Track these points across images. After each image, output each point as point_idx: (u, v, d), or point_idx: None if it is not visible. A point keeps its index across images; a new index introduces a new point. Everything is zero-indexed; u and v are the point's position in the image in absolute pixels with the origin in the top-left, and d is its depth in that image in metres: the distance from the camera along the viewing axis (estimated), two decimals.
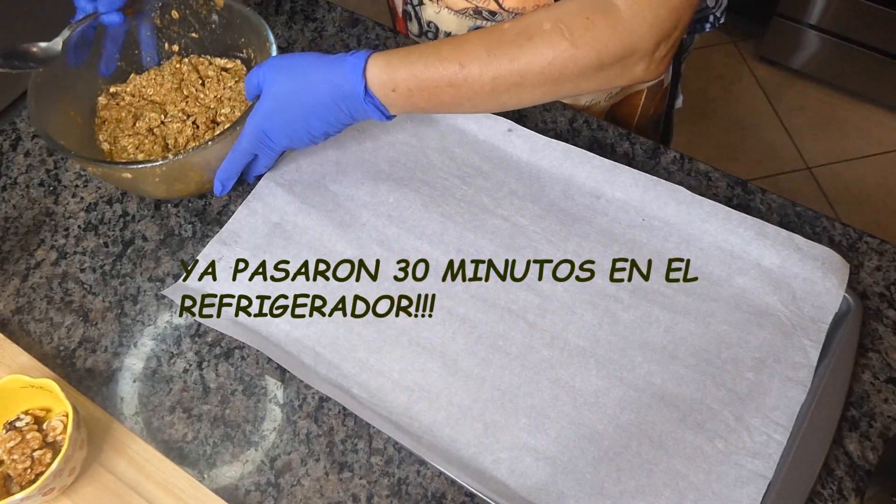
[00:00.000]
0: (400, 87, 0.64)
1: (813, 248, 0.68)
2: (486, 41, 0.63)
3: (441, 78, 0.63)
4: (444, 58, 0.63)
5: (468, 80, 0.63)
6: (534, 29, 0.62)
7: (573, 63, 0.62)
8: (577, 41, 0.61)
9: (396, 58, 0.64)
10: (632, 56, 0.63)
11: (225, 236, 0.72)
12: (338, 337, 0.67)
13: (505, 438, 0.62)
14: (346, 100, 0.65)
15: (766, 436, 0.61)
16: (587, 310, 0.67)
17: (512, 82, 0.63)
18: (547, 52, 0.62)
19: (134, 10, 0.77)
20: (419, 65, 0.63)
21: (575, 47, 0.62)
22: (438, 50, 0.64)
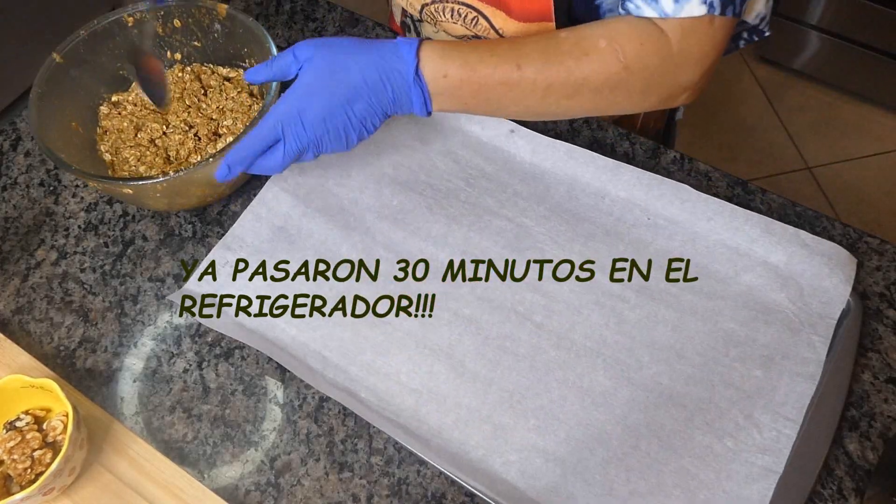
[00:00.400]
0: (451, 76, 0.63)
1: (820, 243, 0.68)
2: (543, 47, 0.63)
3: (494, 74, 0.63)
4: (501, 56, 0.63)
5: (522, 82, 0.63)
6: (590, 44, 0.63)
7: (625, 86, 0.64)
8: (631, 66, 0.63)
9: (450, 47, 0.63)
10: (678, 86, 0.65)
11: (229, 241, 0.72)
12: (344, 340, 0.67)
13: (514, 440, 0.61)
14: (395, 78, 0.62)
15: (776, 431, 0.60)
16: (593, 310, 0.67)
17: (564, 93, 0.64)
18: (602, 70, 0.63)
19: None
20: (473, 57, 0.63)
21: (627, 71, 0.63)
22: (494, 48, 0.63)
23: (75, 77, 0.75)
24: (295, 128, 0.62)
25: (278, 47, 0.73)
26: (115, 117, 0.78)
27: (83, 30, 0.75)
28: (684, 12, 0.61)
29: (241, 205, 0.75)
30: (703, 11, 0.61)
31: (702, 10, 0.61)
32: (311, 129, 0.62)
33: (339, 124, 0.63)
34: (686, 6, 0.61)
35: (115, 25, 0.77)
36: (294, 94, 0.62)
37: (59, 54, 0.73)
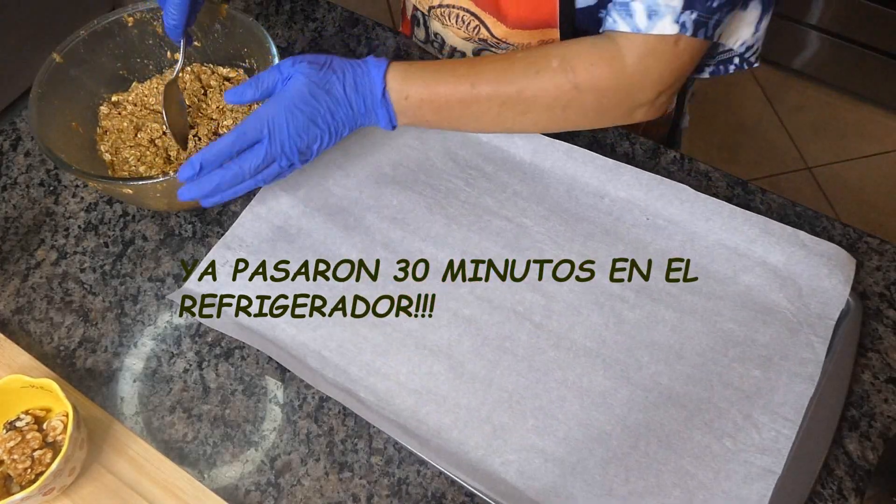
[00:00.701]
0: (413, 97, 0.67)
1: (819, 244, 0.68)
2: (499, 67, 0.67)
3: (453, 94, 0.67)
4: (459, 76, 0.67)
5: (478, 100, 0.67)
6: (543, 63, 0.66)
7: (576, 104, 0.67)
8: (581, 85, 0.66)
9: (414, 69, 0.67)
10: (633, 104, 0.67)
11: (229, 240, 0.72)
12: (343, 340, 0.67)
13: (513, 440, 0.62)
14: (367, 96, 0.67)
15: (775, 432, 0.61)
16: (593, 310, 0.67)
17: (518, 110, 0.68)
18: (552, 90, 0.66)
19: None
20: (433, 79, 0.67)
21: (577, 90, 0.66)
22: (455, 68, 0.67)
23: (75, 77, 0.75)
24: (280, 132, 0.64)
25: (278, 47, 0.73)
26: (115, 117, 0.78)
27: (83, 30, 0.75)
28: (656, 29, 0.62)
29: (240, 205, 0.75)
30: (675, 30, 0.62)
31: (674, 28, 0.62)
32: (296, 135, 0.65)
33: (317, 133, 0.66)
34: (658, 23, 0.62)
35: (115, 25, 0.77)
36: (283, 102, 0.64)
37: (58, 54, 0.73)
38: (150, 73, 0.81)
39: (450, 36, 0.81)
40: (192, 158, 0.63)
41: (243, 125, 0.64)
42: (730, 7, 0.63)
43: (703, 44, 0.65)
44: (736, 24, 0.70)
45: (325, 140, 0.67)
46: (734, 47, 0.73)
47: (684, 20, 0.62)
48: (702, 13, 0.62)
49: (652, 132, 0.89)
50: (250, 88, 0.66)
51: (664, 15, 0.62)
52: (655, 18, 0.62)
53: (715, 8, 0.62)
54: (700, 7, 0.61)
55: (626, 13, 0.63)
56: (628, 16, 0.63)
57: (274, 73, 0.65)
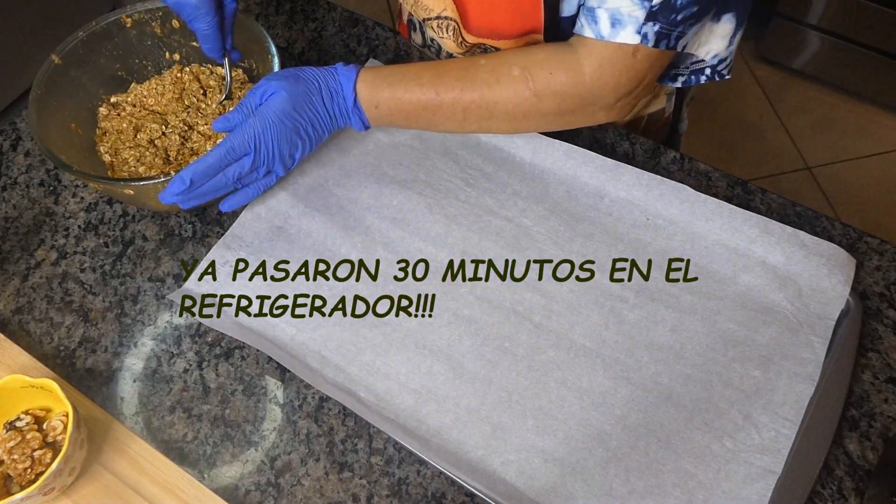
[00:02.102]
0: (382, 106, 0.70)
1: (818, 244, 0.68)
2: (461, 75, 0.69)
3: (419, 102, 0.69)
4: (424, 84, 0.69)
5: (442, 107, 0.70)
6: (503, 71, 0.68)
7: (535, 109, 0.69)
8: (540, 93, 0.68)
9: (381, 78, 0.69)
10: (593, 108, 0.69)
11: (229, 240, 0.72)
12: (343, 340, 0.67)
13: (513, 440, 0.62)
14: (340, 107, 0.70)
15: (775, 431, 0.61)
16: (593, 310, 0.67)
17: (480, 115, 0.70)
18: (512, 98, 0.68)
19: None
20: (400, 88, 0.69)
21: (537, 97, 0.68)
22: (419, 76, 0.69)
23: (74, 78, 0.75)
24: (266, 146, 0.66)
25: (278, 47, 0.73)
26: (115, 118, 0.78)
27: (82, 31, 0.75)
28: (619, 38, 0.64)
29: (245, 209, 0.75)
30: (637, 40, 0.64)
31: (635, 38, 0.63)
32: (280, 146, 0.67)
33: (296, 140, 0.68)
34: (621, 32, 0.64)
35: (114, 26, 0.77)
36: (267, 117, 0.66)
37: (57, 55, 0.73)
38: (149, 73, 0.81)
39: (446, 43, 0.81)
40: (182, 174, 0.64)
41: (231, 141, 0.65)
42: (695, 21, 0.64)
43: (665, 54, 0.66)
44: (706, 37, 0.72)
45: (306, 149, 0.69)
46: (706, 59, 0.74)
47: (646, 31, 0.63)
48: (664, 25, 0.63)
49: (650, 137, 0.89)
50: (238, 114, 0.67)
51: (626, 25, 0.63)
52: (618, 27, 0.63)
53: (678, 21, 0.63)
54: (663, 20, 0.63)
55: (591, 19, 0.65)
56: (594, 22, 0.65)
57: (255, 94, 0.67)
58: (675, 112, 0.89)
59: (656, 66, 0.67)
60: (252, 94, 0.67)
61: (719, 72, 0.76)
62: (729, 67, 0.76)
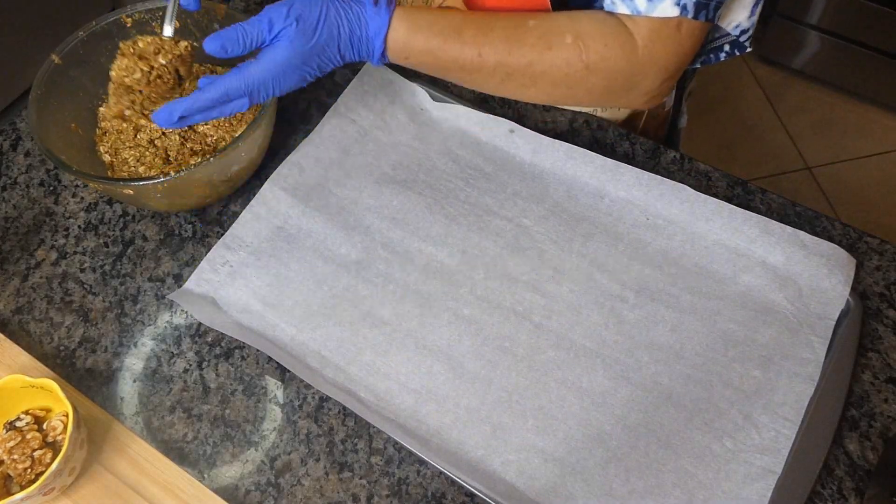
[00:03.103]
0: (413, 58, 0.64)
1: (818, 244, 0.68)
2: (508, 37, 0.63)
3: (457, 60, 0.64)
4: (465, 42, 0.63)
5: (483, 68, 0.64)
6: (555, 38, 0.63)
7: (583, 83, 0.65)
8: (592, 66, 0.63)
9: (417, 28, 0.62)
10: (638, 90, 0.65)
11: (229, 240, 0.72)
12: (343, 340, 0.67)
13: (513, 440, 0.61)
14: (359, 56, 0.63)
15: (775, 431, 0.61)
16: (593, 310, 0.67)
17: (522, 83, 0.65)
18: (563, 67, 0.64)
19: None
20: (438, 41, 0.63)
21: (588, 70, 0.64)
22: (461, 31, 0.63)
23: (74, 78, 0.75)
24: (265, 93, 0.61)
25: None
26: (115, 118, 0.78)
27: (82, 31, 0.75)
28: (657, 11, 0.61)
29: (240, 205, 0.75)
30: (676, 13, 0.61)
31: (674, 10, 0.61)
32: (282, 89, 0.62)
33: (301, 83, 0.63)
34: (659, 5, 0.61)
35: (114, 26, 0.77)
36: (271, 68, 0.60)
37: (57, 55, 0.73)
38: None
39: None
40: (172, 108, 0.59)
41: (225, 84, 0.60)
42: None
43: (705, 26, 0.63)
44: (732, 5, 0.69)
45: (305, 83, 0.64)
46: (730, 30, 0.71)
47: (685, 2, 0.60)
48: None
49: (650, 132, 0.89)
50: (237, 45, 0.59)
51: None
52: (656, 1, 0.61)
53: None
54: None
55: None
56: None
57: (262, 29, 0.59)
58: (675, 106, 0.89)
59: (698, 41, 0.65)
60: (257, 26, 0.59)
61: (741, 44, 0.73)
62: (750, 38, 0.73)
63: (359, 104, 0.79)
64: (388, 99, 0.80)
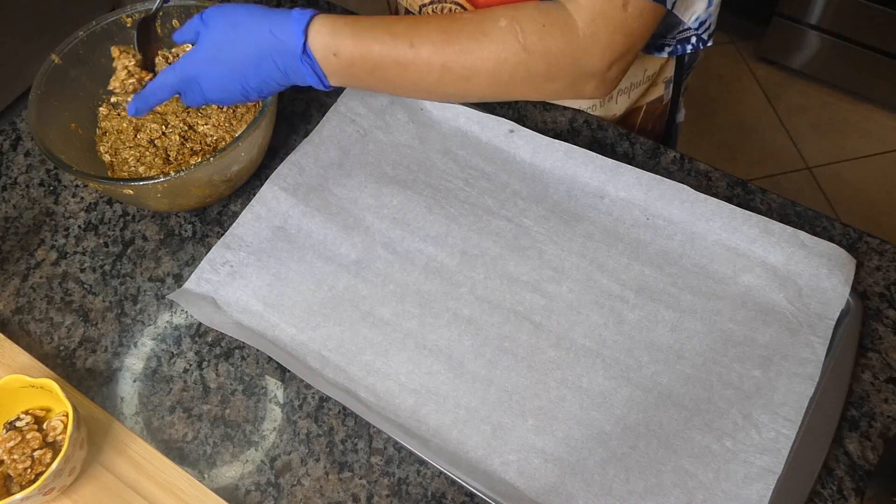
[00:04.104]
0: (342, 54, 0.62)
1: (818, 244, 0.68)
2: (442, 27, 0.62)
3: (389, 54, 0.62)
4: (396, 34, 0.61)
5: (417, 62, 0.62)
6: (489, 24, 0.62)
7: (523, 68, 0.62)
8: (530, 46, 0.62)
9: (344, 23, 0.61)
10: (583, 73, 0.63)
11: (229, 240, 0.72)
12: (343, 340, 0.67)
13: (513, 440, 0.61)
14: (282, 55, 0.62)
15: (775, 432, 0.61)
16: (593, 310, 0.67)
17: (460, 75, 0.63)
18: (499, 52, 0.62)
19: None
20: (367, 35, 0.61)
21: (526, 52, 0.62)
22: (391, 26, 0.62)
23: (74, 78, 0.75)
24: (194, 91, 0.64)
25: None
26: (115, 118, 0.78)
27: (82, 31, 0.75)
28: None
29: (240, 205, 0.75)
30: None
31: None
32: (210, 94, 0.64)
33: (236, 91, 0.64)
34: None
35: (114, 26, 0.77)
36: (193, 59, 0.63)
37: (57, 55, 0.73)
38: None
39: None
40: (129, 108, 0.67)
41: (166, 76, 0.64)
42: None
43: (656, 9, 0.62)
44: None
45: (250, 96, 0.65)
46: (689, 22, 0.70)
47: None
48: None
49: (649, 127, 0.89)
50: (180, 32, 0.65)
51: None
52: None
53: None
54: None
55: None
56: None
57: (195, 21, 0.64)
58: (672, 101, 0.89)
59: (648, 24, 0.63)
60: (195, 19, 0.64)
61: (700, 37, 0.72)
62: (710, 32, 0.71)
63: (359, 104, 0.80)
64: (388, 99, 0.80)
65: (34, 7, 1.66)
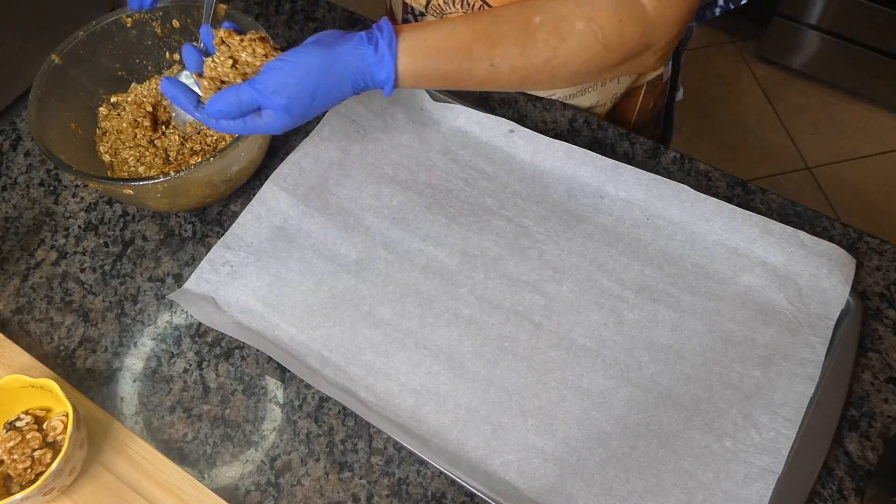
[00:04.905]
0: (421, 77, 0.62)
1: (818, 244, 0.68)
2: (519, 39, 0.61)
3: (471, 78, 0.63)
4: (476, 58, 0.61)
5: (498, 78, 0.63)
6: (567, 28, 0.61)
7: (602, 62, 0.63)
8: (610, 44, 0.62)
9: (426, 58, 0.60)
10: (650, 51, 0.64)
11: (229, 240, 0.72)
12: (344, 340, 0.67)
13: (513, 440, 0.62)
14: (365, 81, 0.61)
15: (775, 432, 0.61)
16: (593, 310, 0.67)
17: (539, 80, 0.64)
18: (580, 54, 0.62)
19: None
20: (449, 64, 0.61)
21: (607, 50, 0.62)
22: (470, 50, 0.61)
23: (74, 78, 0.75)
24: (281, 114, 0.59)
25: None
26: (115, 118, 0.78)
27: (82, 31, 0.75)
28: None
29: (240, 205, 0.75)
30: None
31: None
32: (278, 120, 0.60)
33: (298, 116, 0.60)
34: None
35: (114, 26, 0.77)
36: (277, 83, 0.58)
37: (57, 55, 0.73)
38: (149, 73, 0.81)
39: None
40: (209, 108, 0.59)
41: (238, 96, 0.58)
42: None
43: None
44: None
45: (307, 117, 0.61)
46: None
47: None
48: None
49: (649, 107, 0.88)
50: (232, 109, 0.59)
51: None
52: None
53: None
54: None
55: None
56: None
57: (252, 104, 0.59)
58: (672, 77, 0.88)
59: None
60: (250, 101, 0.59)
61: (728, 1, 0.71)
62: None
63: (359, 104, 0.80)
64: (389, 99, 0.80)
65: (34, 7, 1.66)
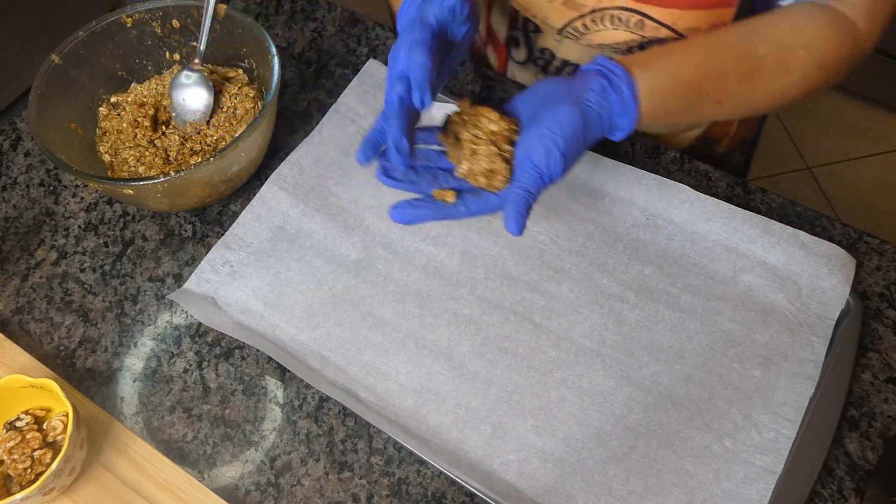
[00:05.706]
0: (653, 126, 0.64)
1: (818, 244, 0.68)
2: (745, 74, 0.62)
3: (694, 115, 0.64)
4: (706, 96, 0.61)
5: (721, 113, 0.65)
6: (791, 60, 0.62)
7: (817, 86, 0.64)
8: (830, 71, 0.63)
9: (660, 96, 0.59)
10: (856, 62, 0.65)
11: (229, 240, 0.72)
12: (344, 340, 0.67)
13: (513, 440, 0.62)
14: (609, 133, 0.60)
15: (775, 432, 0.61)
16: (593, 310, 0.67)
17: (758, 111, 0.67)
18: (804, 82, 0.63)
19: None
20: (680, 105, 0.61)
21: (826, 73, 0.63)
22: (701, 89, 0.61)
23: (74, 78, 0.75)
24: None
25: (278, 47, 0.73)
26: (115, 118, 0.78)
27: (82, 31, 0.75)
28: None
29: (240, 205, 0.75)
30: None
31: None
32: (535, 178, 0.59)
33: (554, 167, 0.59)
34: None
35: (114, 26, 0.77)
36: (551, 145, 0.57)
37: (57, 55, 0.73)
38: (149, 73, 0.81)
39: (565, 48, 0.76)
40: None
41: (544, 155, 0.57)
42: None
43: None
44: None
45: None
46: None
47: None
48: None
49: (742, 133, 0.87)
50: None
51: None
52: None
53: None
54: None
55: None
56: None
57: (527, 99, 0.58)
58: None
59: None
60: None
61: None
62: None
63: (359, 104, 0.80)
64: None
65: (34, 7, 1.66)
